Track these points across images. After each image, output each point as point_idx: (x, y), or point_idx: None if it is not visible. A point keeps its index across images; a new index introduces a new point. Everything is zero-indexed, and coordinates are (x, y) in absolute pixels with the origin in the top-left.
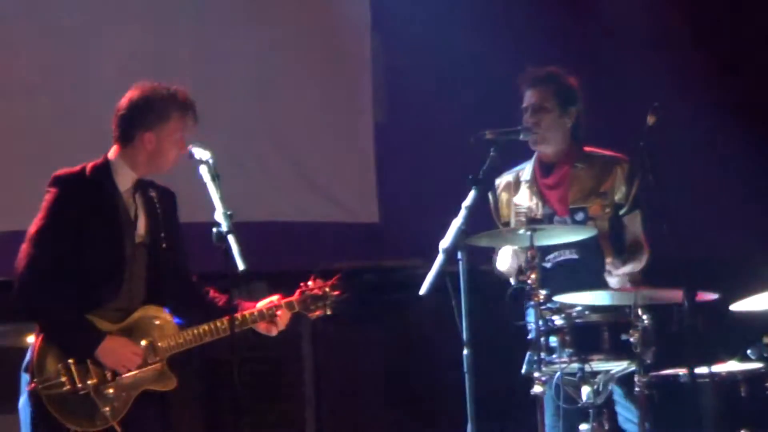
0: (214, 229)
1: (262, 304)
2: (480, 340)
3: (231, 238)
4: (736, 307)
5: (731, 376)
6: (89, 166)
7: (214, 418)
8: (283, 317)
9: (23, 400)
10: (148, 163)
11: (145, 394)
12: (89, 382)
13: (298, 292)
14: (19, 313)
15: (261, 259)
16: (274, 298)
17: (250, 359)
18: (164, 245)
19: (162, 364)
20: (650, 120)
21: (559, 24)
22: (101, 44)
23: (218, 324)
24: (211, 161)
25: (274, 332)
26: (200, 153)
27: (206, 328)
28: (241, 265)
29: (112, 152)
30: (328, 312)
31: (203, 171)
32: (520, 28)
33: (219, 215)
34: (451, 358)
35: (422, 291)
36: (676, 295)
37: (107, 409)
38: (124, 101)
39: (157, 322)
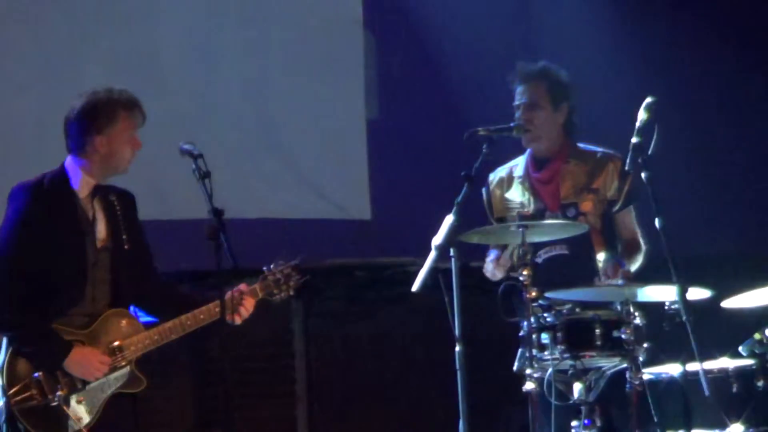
0: (205, 227)
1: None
2: (472, 337)
3: (222, 236)
4: (728, 303)
5: (723, 372)
6: (47, 175)
7: (205, 414)
8: (248, 305)
9: None
10: (103, 166)
11: (116, 397)
12: (59, 393)
13: (260, 278)
14: None
15: (252, 256)
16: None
17: (242, 356)
18: (127, 247)
19: (130, 366)
20: (643, 116)
21: (552, 19)
22: (93, 43)
23: (183, 319)
24: (202, 158)
25: (238, 321)
26: (190, 150)
27: (171, 325)
28: (232, 262)
29: (68, 161)
30: (291, 293)
31: (194, 168)
32: (511, 24)
33: (210, 212)
34: (443, 355)
35: (414, 288)
36: (668, 291)
37: (78, 417)
38: (70, 111)
39: (123, 325)
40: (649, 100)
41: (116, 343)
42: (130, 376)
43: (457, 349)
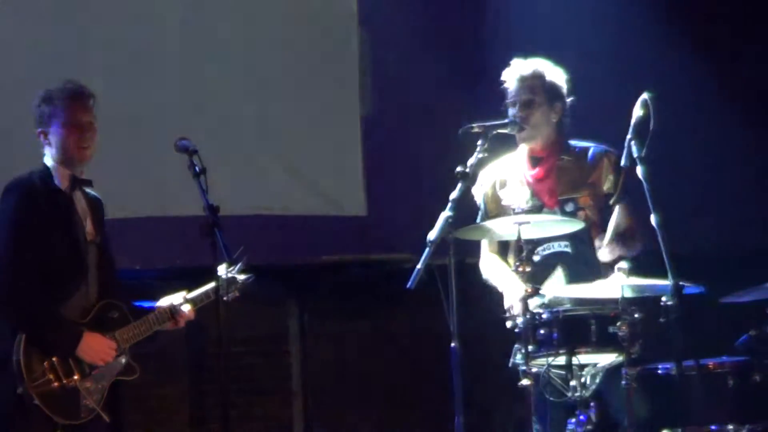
0: (201, 223)
1: (165, 301)
2: (468, 333)
3: (218, 232)
4: (725, 299)
5: (719, 368)
6: (35, 172)
7: (201, 412)
8: (189, 312)
9: None
10: (62, 156)
11: (114, 383)
12: (75, 376)
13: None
14: None
15: (248, 252)
16: (181, 294)
17: (238, 353)
18: (105, 242)
19: (124, 355)
20: (639, 112)
21: (548, 15)
22: (91, 39)
23: (158, 312)
24: (197, 155)
25: (182, 324)
26: (186, 146)
27: (151, 316)
28: (228, 259)
29: (46, 155)
30: (237, 294)
31: (189, 164)
32: (507, 21)
33: (205, 209)
34: (439, 351)
35: (410, 284)
36: (664, 287)
37: (89, 401)
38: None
39: (116, 315)
40: (644, 96)
41: (113, 333)
42: (126, 364)
43: (453, 345)
